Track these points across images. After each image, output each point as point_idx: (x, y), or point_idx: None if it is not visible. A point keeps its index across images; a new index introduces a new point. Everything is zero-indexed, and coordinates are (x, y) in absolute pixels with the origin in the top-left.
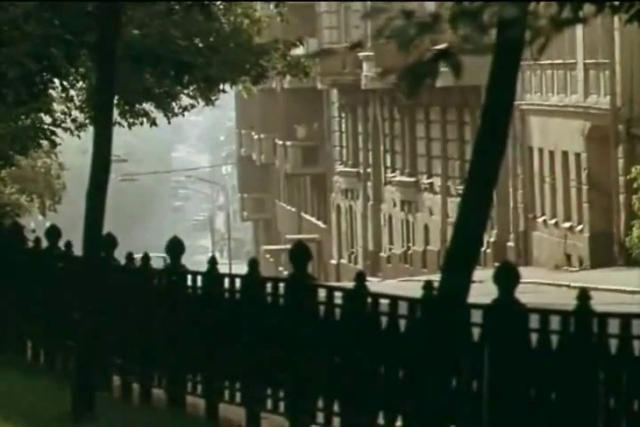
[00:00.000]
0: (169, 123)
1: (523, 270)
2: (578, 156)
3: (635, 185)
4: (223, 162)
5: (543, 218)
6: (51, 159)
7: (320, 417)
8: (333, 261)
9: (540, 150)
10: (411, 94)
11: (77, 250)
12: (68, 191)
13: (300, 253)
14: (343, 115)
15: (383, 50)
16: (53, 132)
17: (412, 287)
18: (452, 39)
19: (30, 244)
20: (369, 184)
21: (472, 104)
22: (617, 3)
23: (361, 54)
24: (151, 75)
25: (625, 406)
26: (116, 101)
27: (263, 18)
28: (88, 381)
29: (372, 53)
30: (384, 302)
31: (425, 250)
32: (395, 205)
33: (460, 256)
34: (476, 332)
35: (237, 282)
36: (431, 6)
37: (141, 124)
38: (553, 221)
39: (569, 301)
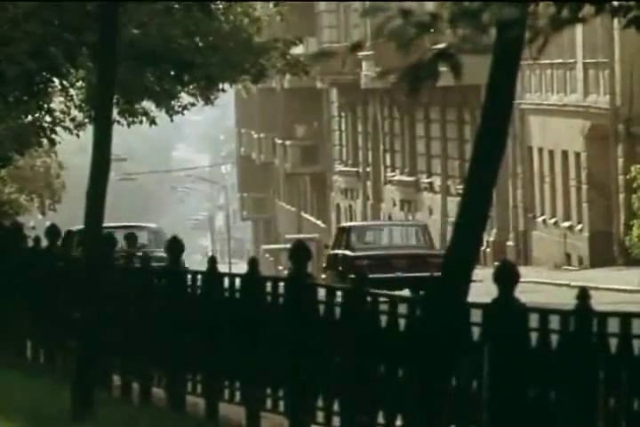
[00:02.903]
0: (172, 120)
1: (522, 270)
2: (577, 155)
3: (634, 184)
4: (223, 161)
5: (543, 217)
6: (50, 158)
7: (320, 416)
8: None
9: (540, 150)
10: (411, 95)
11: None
12: (67, 190)
13: (299, 253)
14: (343, 114)
15: (383, 49)
16: (53, 131)
17: None
18: (451, 39)
19: (30, 242)
20: (368, 183)
21: (472, 103)
22: (616, 3)
23: (360, 54)
24: (151, 74)
25: (625, 406)
26: (115, 100)
27: (263, 17)
28: (88, 380)
29: (371, 53)
30: (384, 301)
31: None
32: (394, 204)
33: (460, 255)
34: (475, 331)
35: (237, 281)
36: (430, 5)
37: (141, 122)
38: (552, 221)
39: (569, 300)
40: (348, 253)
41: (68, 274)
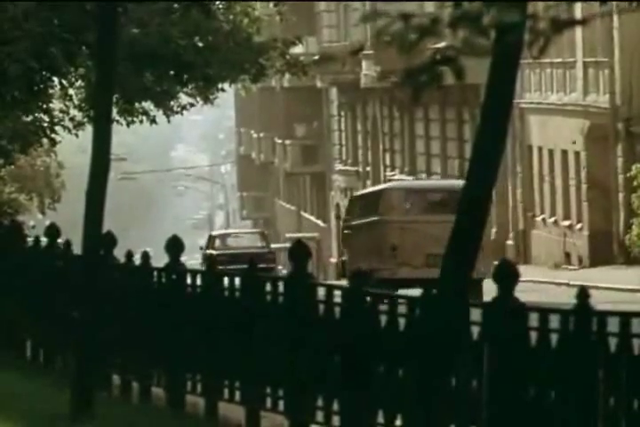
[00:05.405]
0: (168, 121)
1: (522, 269)
2: (577, 154)
3: (634, 183)
4: (222, 161)
5: (542, 216)
6: (50, 158)
7: (319, 416)
8: (333, 260)
9: (540, 149)
10: (414, 98)
11: (77, 248)
12: (67, 190)
13: (299, 252)
14: (342, 113)
15: (383, 49)
16: (53, 130)
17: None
18: (451, 40)
19: (30, 242)
20: (368, 183)
21: (471, 102)
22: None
23: (360, 53)
24: (151, 74)
25: (625, 406)
26: (115, 100)
27: (262, 16)
28: (87, 380)
29: (371, 52)
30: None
31: None
32: None
33: (460, 255)
34: (475, 331)
35: (237, 281)
36: (430, 7)
37: (141, 122)
38: (552, 220)
39: (568, 299)
40: (213, 252)
41: (67, 273)
